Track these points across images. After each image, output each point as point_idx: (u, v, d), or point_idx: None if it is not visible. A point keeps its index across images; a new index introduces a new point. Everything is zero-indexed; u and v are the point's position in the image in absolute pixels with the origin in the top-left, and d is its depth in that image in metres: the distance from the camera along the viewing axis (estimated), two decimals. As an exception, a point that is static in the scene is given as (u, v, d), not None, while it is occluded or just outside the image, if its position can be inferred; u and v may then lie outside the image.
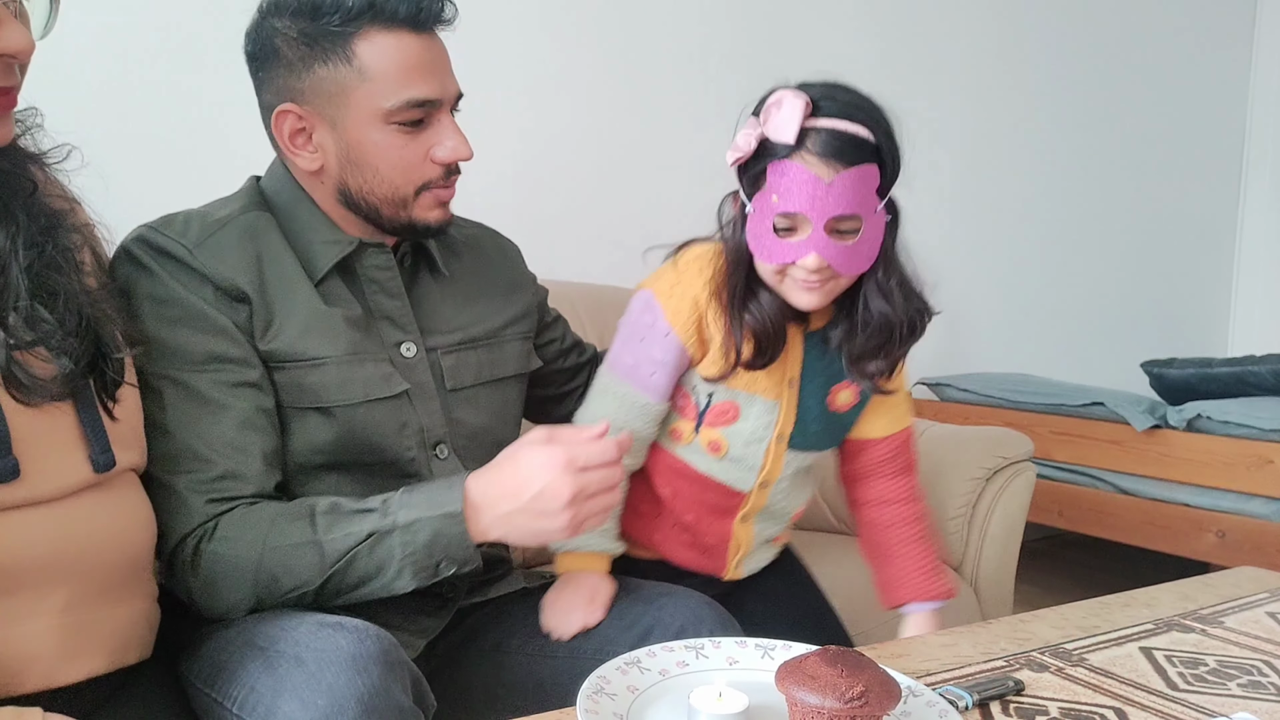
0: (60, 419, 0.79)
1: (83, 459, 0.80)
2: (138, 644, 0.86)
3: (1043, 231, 3.29)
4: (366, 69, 0.94)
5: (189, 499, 0.90)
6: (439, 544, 0.89)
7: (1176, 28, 3.58)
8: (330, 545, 0.89)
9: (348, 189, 1.00)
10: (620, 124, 2.32)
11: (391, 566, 0.89)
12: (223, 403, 0.93)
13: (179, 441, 0.91)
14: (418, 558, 0.89)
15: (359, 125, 0.96)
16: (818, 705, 0.68)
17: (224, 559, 0.89)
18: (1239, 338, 3.89)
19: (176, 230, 0.96)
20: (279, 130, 0.99)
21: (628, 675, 0.80)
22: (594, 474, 0.88)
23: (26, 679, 0.76)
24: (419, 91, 0.96)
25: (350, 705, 0.76)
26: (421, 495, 0.91)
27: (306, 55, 0.95)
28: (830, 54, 2.72)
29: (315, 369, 0.97)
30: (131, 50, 1.69)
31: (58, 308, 0.78)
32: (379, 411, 1.01)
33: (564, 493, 0.87)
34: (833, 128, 0.95)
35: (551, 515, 0.88)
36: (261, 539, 0.89)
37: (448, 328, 1.09)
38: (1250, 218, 3.89)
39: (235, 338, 0.94)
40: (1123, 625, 1.07)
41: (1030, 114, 3.22)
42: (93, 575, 0.80)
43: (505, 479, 0.90)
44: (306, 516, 0.91)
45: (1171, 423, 2.47)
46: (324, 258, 1.01)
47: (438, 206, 1.02)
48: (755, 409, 1.10)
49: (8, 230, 0.76)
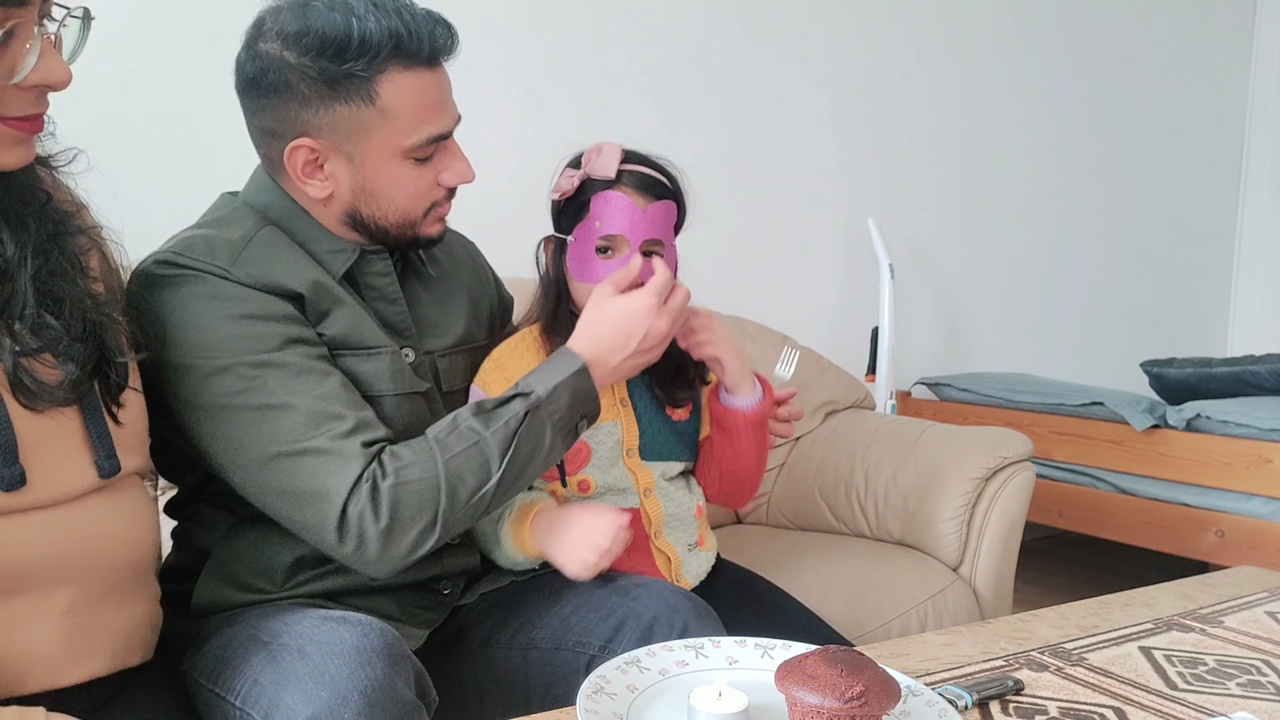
0: (66, 425, 0.79)
1: (88, 465, 0.80)
2: (140, 645, 0.87)
3: (1042, 232, 3.29)
4: (389, 109, 0.96)
5: (343, 449, 0.91)
6: (576, 401, 1.00)
7: (1176, 28, 3.58)
8: (494, 437, 0.95)
9: (358, 214, 1.02)
10: (620, 124, 2.32)
11: (546, 436, 0.98)
12: (323, 370, 0.95)
13: (305, 409, 0.91)
14: (563, 419, 0.99)
15: (378, 161, 0.99)
16: (817, 705, 0.68)
17: (408, 487, 0.91)
18: (1238, 337, 3.89)
19: (202, 253, 0.95)
20: (290, 162, 0.99)
21: (627, 674, 0.80)
22: (676, 298, 1.05)
23: (30, 679, 0.76)
24: (437, 128, 1.00)
25: (353, 697, 0.76)
26: (546, 371, 1.00)
27: (326, 94, 0.95)
28: (830, 54, 2.73)
29: (372, 357, 1.01)
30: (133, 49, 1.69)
31: (64, 314, 0.78)
32: (411, 404, 1.05)
33: (664, 328, 1.03)
34: (643, 169, 1.15)
35: (655, 349, 1.05)
36: (433, 457, 0.93)
37: (440, 331, 1.12)
38: (1250, 217, 3.89)
39: (302, 321, 0.97)
40: (1122, 625, 1.07)
41: (1029, 114, 3.22)
42: (96, 577, 0.80)
43: (608, 335, 1.03)
44: (462, 424, 0.96)
45: (1171, 422, 2.47)
46: (334, 266, 1.02)
47: (439, 222, 1.07)
48: (600, 435, 1.17)
49: (18, 240, 0.76)
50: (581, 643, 1.02)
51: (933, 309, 3.03)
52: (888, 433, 1.99)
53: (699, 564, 1.24)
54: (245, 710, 0.82)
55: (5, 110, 0.74)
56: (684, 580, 1.21)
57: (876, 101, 2.84)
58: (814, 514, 2.00)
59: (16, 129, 0.76)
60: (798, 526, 2.03)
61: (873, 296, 2.69)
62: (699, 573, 1.24)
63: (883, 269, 2.62)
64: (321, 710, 0.76)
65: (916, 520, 1.83)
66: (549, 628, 1.05)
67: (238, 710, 0.83)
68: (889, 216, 2.81)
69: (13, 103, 0.74)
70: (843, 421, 2.08)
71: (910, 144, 2.93)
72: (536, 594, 1.11)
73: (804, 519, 2.02)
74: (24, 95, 0.75)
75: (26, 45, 0.72)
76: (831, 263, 2.78)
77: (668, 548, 1.19)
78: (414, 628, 1.05)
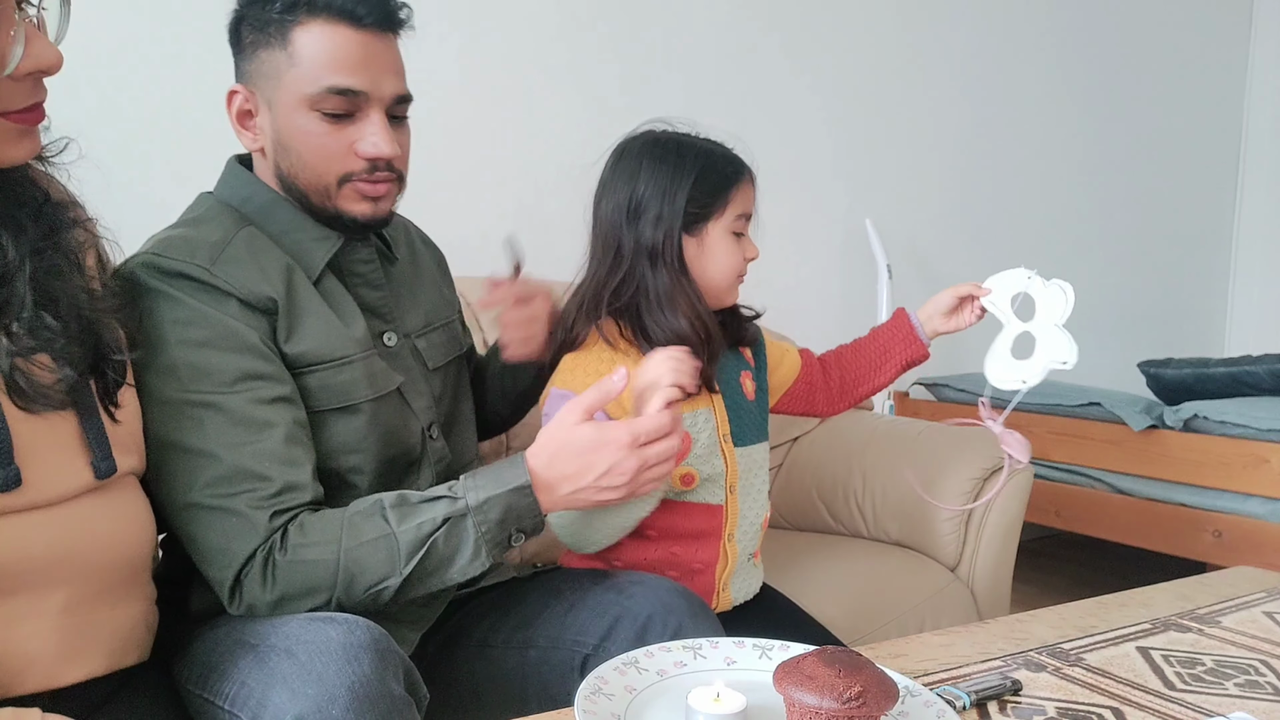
0: (62, 426, 0.79)
1: (84, 465, 0.80)
2: (136, 646, 0.87)
3: (1040, 233, 3.30)
4: (296, 55, 0.98)
5: (252, 516, 0.90)
6: (511, 517, 0.93)
7: (1173, 29, 3.59)
8: (405, 536, 0.90)
9: (281, 173, 1.03)
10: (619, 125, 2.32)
11: (468, 547, 0.92)
12: (265, 419, 0.92)
13: (229, 464, 0.90)
14: (492, 534, 0.92)
15: (287, 109, 0.99)
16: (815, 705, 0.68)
17: (301, 566, 0.89)
18: (1236, 338, 3.89)
19: (183, 253, 0.95)
20: (229, 108, 1.04)
21: (625, 675, 0.80)
22: (656, 446, 0.93)
23: (26, 679, 0.76)
24: (340, 80, 0.98)
25: (341, 694, 0.76)
26: (486, 477, 0.94)
27: (256, 39, 1.00)
28: (830, 55, 2.73)
29: (344, 367, 1.00)
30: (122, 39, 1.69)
31: (60, 313, 0.78)
32: (393, 402, 1.05)
33: (629, 469, 0.92)
34: None
35: (616, 489, 0.93)
36: (336, 539, 0.90)
37: (414, 312, 1.14)
38: (1247, 218, 3.90)
39: (264, 353, 0.95)
40: (1120, 625, 1.07)
41: (1027, 116, 3.22)
42: (92, 577, 0.80)
43: (568, 462, 0.93)
44: (378, 512, 0.92)
45: (1168, 423, 2.47)
46: (317, 254, 1.03)
47: (362, 200, 1.03)
48: (698, 423, 1.18)
49: (16, 242, 0.76)
50: (578, 641, 1.02)
51: (930, 310, 3.02)
52: (886, 433, 1.99)
53: (748, 581, 1.26)
54: (233, 713, 0.81)
55: (4, 105, 0.74)
56: (726, 596, 1.22)
57: (874, 102, 2.84)
58: (812, 515, 2.00)
59: (20, 122, 0.75)
60: (796, 527, 2.03)
61: (870, 297, 2.69)
62: (741, 594, 1.24)
63: (880, 270, 2.62)
64: (309, 708, 0.75)
65: (914, 521, 1.83)
66: (546, 626, 1.05)
67: (226, 713, 0.82)
68: (887, 217, 2.81)
69: (11, 96, 0.74)
70: (840, 422, 2.08)
71: (908, 145, 2.93)
72: (534, 592, 1.11)
73: (802, 520, 2.02)
74: (19, 86, 0.74)
75: (10, 33, 0.71)
76: (829, 264, 2.78)
77: (732, 551, 1.21)
78: (407, 630, 1.04)
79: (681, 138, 1.20)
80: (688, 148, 1.18)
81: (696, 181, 1.16)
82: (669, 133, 1.20)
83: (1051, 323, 1.20)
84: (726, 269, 1.20)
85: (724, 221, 1.18)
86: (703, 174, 1.16)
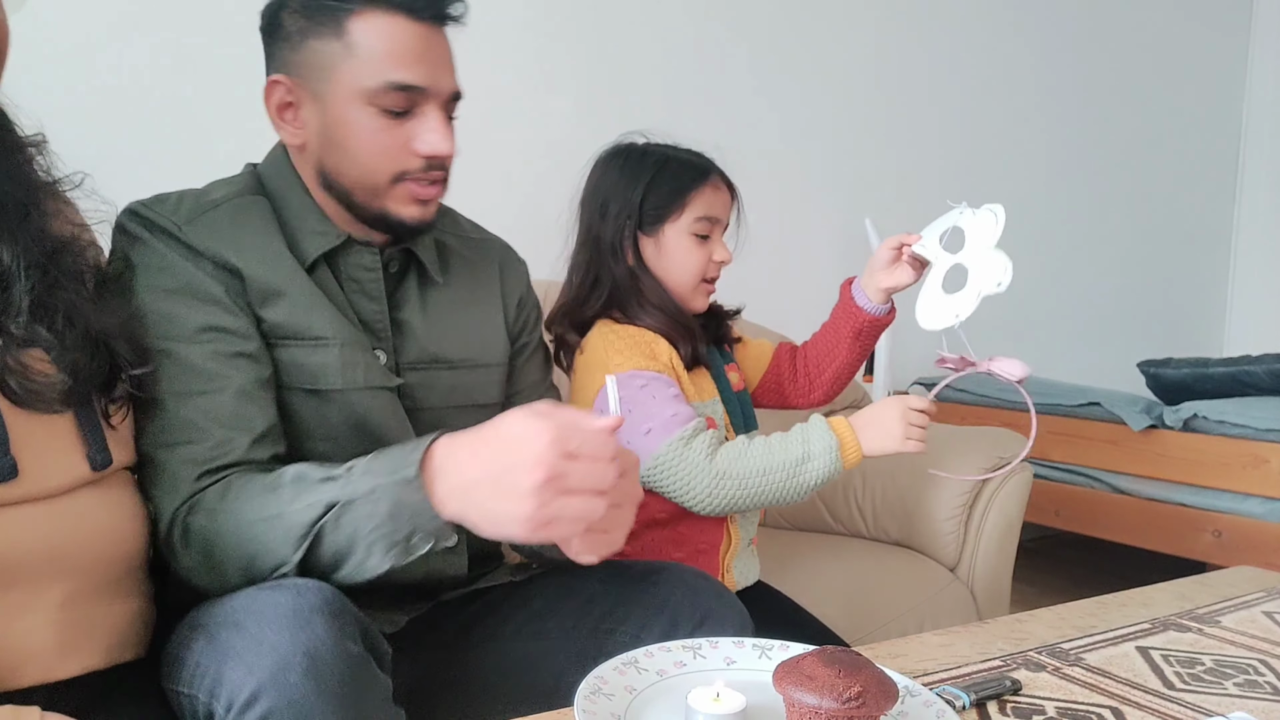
0: (58, 420, 0.80)
1: (80, 458, 0.81)
2: (134, 641, 0.87)
3: (1040, 232, 3.30)
4: (355, 46, 0.93)
5: (180, 472, 0.87)
6: (403, 515, 0.78)
7: (1172, 29, 3.59)
8: (294, 518, 0.81)
9: (325, 169, 0.98)
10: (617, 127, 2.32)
11: (360, 543, 0.79)
12: (220, 373, 0.89)
13: (172, 414, 0.88)
14: (384, 531, 0.78)
15: (340, 102, 0.95)
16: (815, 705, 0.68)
17: (207, 534, 0.85)
18: (1235, 338, 3.90)
19: (168, 208, 0.95)
20: (268, 100, 0.98)
21: (625, 675, 0.80)
22: (581, 465, 0.74)
23: (24, 673, 0.76)
24: (403, 76, 0.94)
25: (296, 660, 0.72)
26: (385, 459, 0.80)
27: (304, 27, 0.95)
28: (829, 55, 2.73)
29: (319, 349, 0.95)
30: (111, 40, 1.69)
31: (57, 324, 0.78)
32: (383, 399, 0.99)
33: (538, 473, 0.72)
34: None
35: (515, 497, 0.73)
36: (238, 512, 0.83)
37: (422, 341, 1.05)
38: (1246, 218, 3.90)
39: (230, 308, 0.92)
40: (1119, 625, 1.07)
41: (1026, 115, 3.22)
42: (89, 571, 0.81)
43: (478, 443, 0.77)
44: (283, 484, 0.83)
45: (1168, 423, 2.47)
46: (311, 247, 0.99)
47: (414, 203, 0.99)
48: (717, 411, 1.29)
49: (11, 250, 0.77)
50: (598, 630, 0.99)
51: (930, 309, 3.03)
52: (885, 433, 1.99)
53: (748, 565, 1.33)
54: (193, 695, 0.78)
55: None
56: (730, 576, 1.29)
57: (874, 102, 2.84)
58: (811, 515, 2.00)
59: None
60: (795, 527, 2.03)
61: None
62: (749, 575, 1.33)
63: (880, 269, 2.62)
64: (265, 679, 0.72)
65: (914, 521, 1.83)
66: (560, 617, 1.03)
67: (187, 698, 0.79)
68: (886, 217, 2.81)
69: None
70: (840, 422, 2.08)
71: (908, 145, 2.93)
72: (550, 586, 1.08)
73: (801, 520, 2.02)
74: None
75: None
76: (828, 263, 2.78)
77: (735, 533, 1.28)
78: (393, 612, 1.02)
79: (647, 146, 1.30)
80: (649, 153, 1.29)
81: (652, 182, 1.26)
82: (637, 142, 1.31)
83: (982, 247, 1.12)
84: (685, 270, 1.27)
85: (681, 224, 1.26)
86: (658, 176, 1.26)
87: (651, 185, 1.26)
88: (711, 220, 1.27)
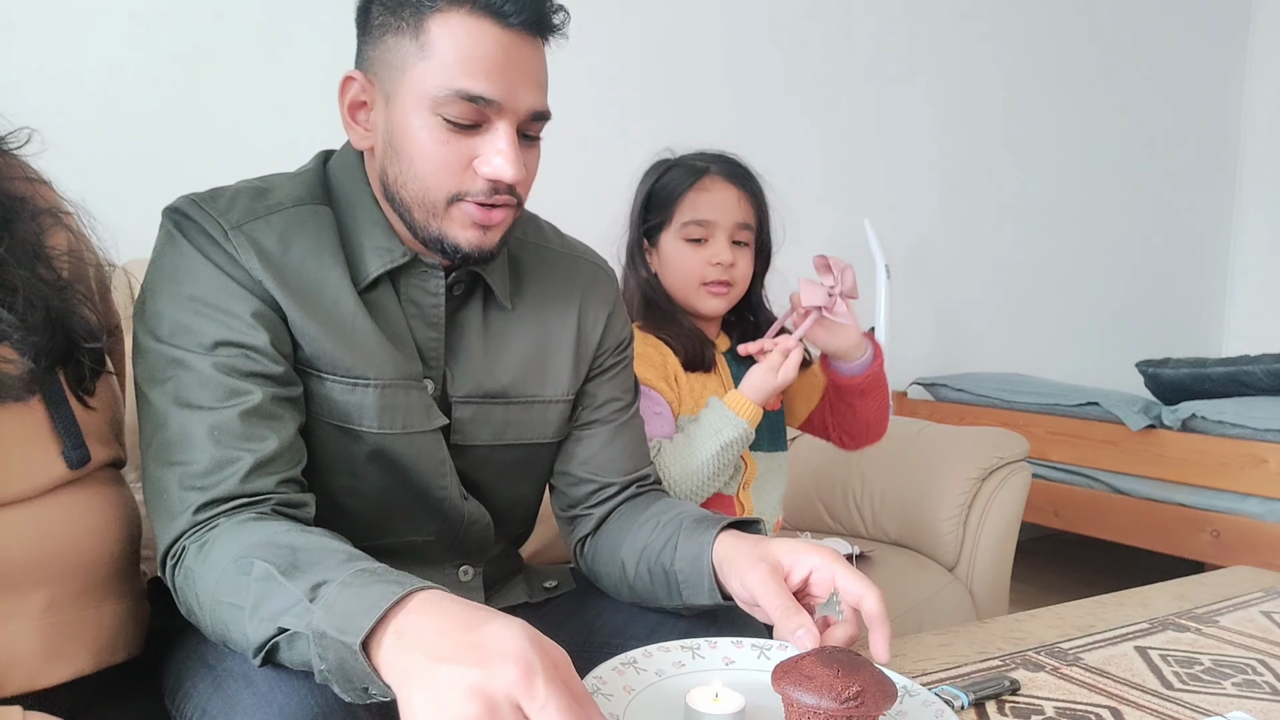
0: (29, 416, 0.76)
1: (55, 456, 0.77)
2: (125, 642, 0.85)
3: (1038, 232, 3.30)
4: (429, 46, 0.84)
5: (179, 499, 0.81)
6: (350, 674, 0.66)
7: (1171, 29, 3.59)
8: (252, 624, 0.72)
9: (386, 179, 0.90)
10: (618, 127, 2.32)
11: (316, 673, 0.69)
12: (233, 389, 0.83)
13: (175, 428, 0.82)
14: (335, 677, 0.67)
15: (406, 107, 0.86)
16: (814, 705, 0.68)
17: (186, 596, 0.79)
18: (1233, 338, 3.90)
19: (220, 207, 0.87)
20: (342, 96, 0.91)
21: (624, 675, 0.80)
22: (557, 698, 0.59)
23: (8, 681, 0.74)
24: (472, 85, 0.84)
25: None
26: (351, 595, 0.67)
27: (387, 22, 0.87)
28: (828, 55, 2.73)
29: (356, 389, 0.89)
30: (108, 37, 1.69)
31: (17, 305, 0.74)
32: (420, 441, 0.92)
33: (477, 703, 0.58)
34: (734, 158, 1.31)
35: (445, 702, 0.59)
36: (216, 580, 0.75)
37: (477, 373, 0.96)
38: (1244, 218, 3.90)
39: (256, 325, 0.84)
40: (1118, 625, 1.08)
41: (1025, 116, 3.23)
42: (73, 574, 0.78)
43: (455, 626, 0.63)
44: (245, 570, 0.74)
45: (1166, 423, 2.47)
46: (373, 265, 0.91)
47: (471, 227, 0.88)
48: None
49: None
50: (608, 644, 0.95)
51: (929, 310, 3.03)
52: (884, 433, 1.99)
53: None
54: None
55: None
56: None
57: (872, 102, 2.84)
58: (810, 515, 2.00)
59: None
60: (795, 528, 2.03)
61: (869, 297, 2.69)
62: None
63: (879, 270, 2.62)
64: None
65: (913, 521, 1.83)
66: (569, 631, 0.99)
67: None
68: (885, 218, 2.81)
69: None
70: (839, 422, 2.08)
71: (907, 145, 2.93)
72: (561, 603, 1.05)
73: (801, 520, 2.02)
74: None
75: None
76: (828, 263, 2.78)
77: None
78: None
79: (664, 160, 1.33)
80: (660, 164, 1.32)
81: (650, 195, 1.29)
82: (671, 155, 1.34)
83: None
84: (681, 275, 1.28)
85: (673, 230, 1.28)
86: (655, 189, 1.29)
87: (650, 195, 1.30)
88: (703, 223, 1.26)
